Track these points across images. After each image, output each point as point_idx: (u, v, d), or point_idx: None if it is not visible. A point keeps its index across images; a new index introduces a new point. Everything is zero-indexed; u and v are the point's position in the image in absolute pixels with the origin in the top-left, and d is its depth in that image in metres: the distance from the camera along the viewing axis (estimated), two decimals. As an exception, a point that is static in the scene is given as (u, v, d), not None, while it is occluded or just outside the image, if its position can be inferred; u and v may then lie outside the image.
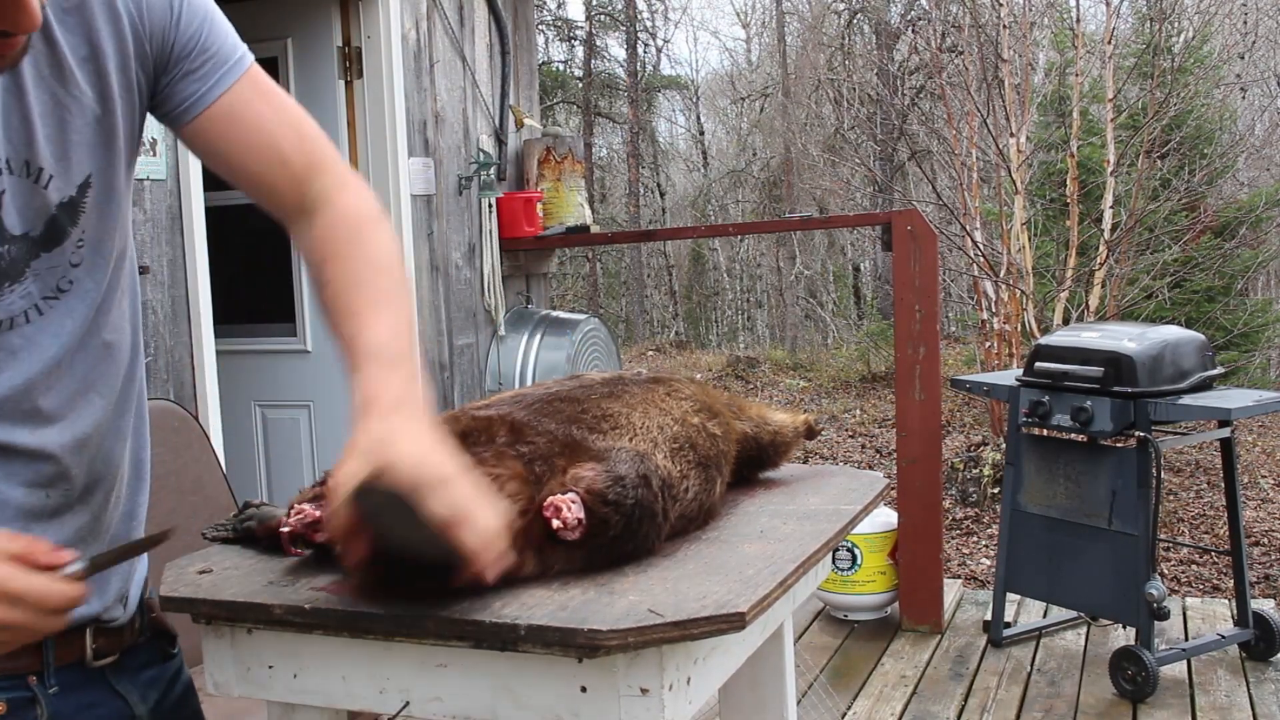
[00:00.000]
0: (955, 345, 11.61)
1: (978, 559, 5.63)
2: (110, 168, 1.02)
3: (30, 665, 1.01)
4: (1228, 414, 3.26)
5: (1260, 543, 5.68)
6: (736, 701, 1.53)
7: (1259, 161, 12.05)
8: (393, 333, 1.05)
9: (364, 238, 1.11)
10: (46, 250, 0.97)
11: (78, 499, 1.03)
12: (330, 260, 1.10)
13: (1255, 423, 8.30)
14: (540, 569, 1.06)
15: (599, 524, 1.04)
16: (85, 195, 0.99)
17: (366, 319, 1.05)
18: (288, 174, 1.11)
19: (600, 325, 4.59)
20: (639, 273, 17.33)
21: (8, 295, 0.95)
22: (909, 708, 3.37)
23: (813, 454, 7.97)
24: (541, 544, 1.05)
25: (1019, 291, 7.08)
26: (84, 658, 1.05)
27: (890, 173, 13.35)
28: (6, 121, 0.93)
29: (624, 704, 0.98)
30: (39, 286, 0.98)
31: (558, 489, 1.05)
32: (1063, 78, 8.50)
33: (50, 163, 0.96)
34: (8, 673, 0.99)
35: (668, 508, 1.14)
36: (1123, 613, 3.46)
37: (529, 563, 1.05)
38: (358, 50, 3.88)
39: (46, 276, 0.98)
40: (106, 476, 1.06)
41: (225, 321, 3.65)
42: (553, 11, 17.03)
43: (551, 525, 1.03)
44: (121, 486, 1.09)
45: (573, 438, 1.13)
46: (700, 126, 19.70)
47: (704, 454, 1.26)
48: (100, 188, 1.01)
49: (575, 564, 1.07)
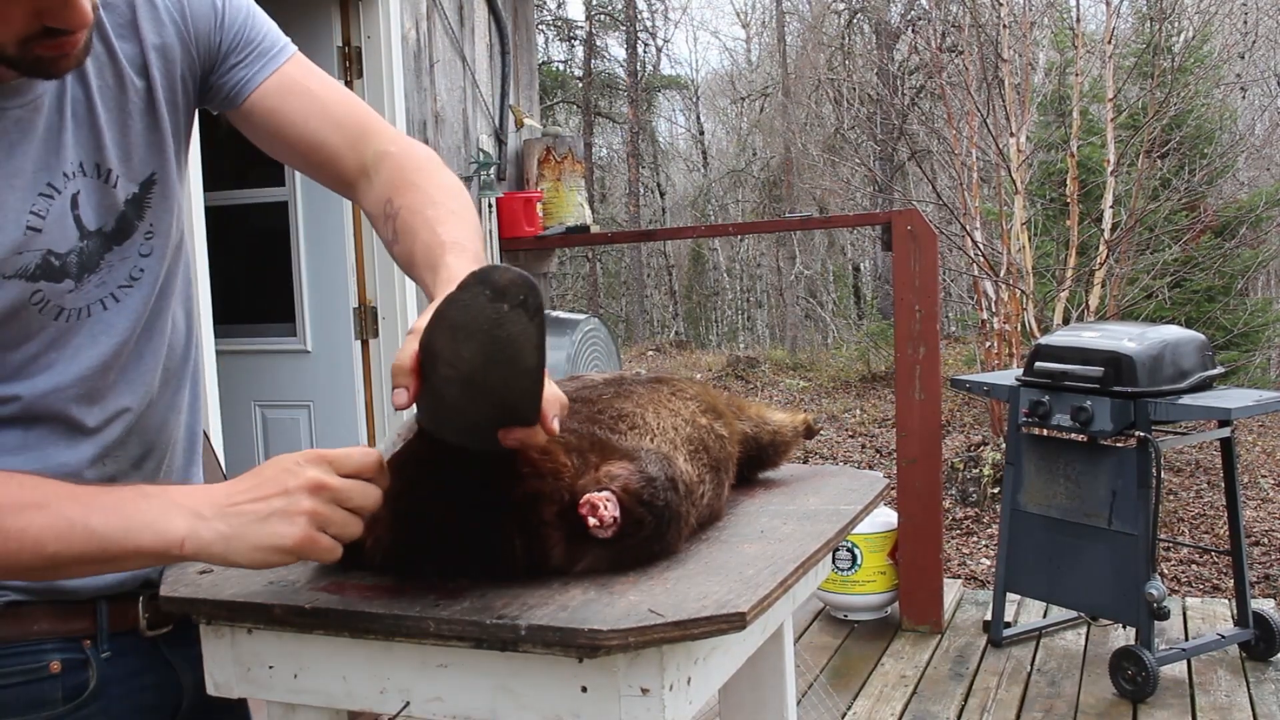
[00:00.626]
0: (955, 345, 11.61)
1: (978, 559, 5.64)
2: (166, 165, 1.11)
3: (86, 629, 1.07)
4: (1228, 414, 3.26)
5: (1260, 543, 5.69)
6: (737, 701, 1.53)
7: (1259, 161, 12.06)
8: (470, 236, 1.10)
9: (430, 172, 1.17)
10: (118, 244, 1.06)
11: (131, 466, 1.11)
12: (400, 191, 1.15)
13: (1255, 422, 8.30)
14: (567, 562, 1.06)
15: (633, 524, 1.04)
16: (150, 191, 1.09)
17: (446, 224, 1.10)
18: (345, 138, 1.17)
19: (600, 325, 4.59)
20: (639, 273, 17.34)
21: (86, 285, 1.04)
22: (909, 708, 3.37)
23: (813, 454, 7.98)
24: (573, 537, 1.05)
25: (1019, 291, 7.09)
26: (137, 626, 1.11)
27: (890, 173, 13.35)
28: (77, 129, 1.03)
29: (624, 704, 0.98)
30: (113, 276, 1.06)
31: (592, 485, 1.04)
32: (1063, 77, 8.51)
33: (117, 163, 1.05)
34: (65, 635, 1.05)
35: (690, 512, 1.14)
36: (1123, 613, 3.46)
37: (557, 553, 1.05)
38: (357, 50, 3.88)
39: (120, 267, 1.07)
40: (159, 446, 1.14)
41: (225, 321, 3.65)
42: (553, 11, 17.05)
43: (588, 523, 1.02)
44: (175, 458, 1.17)
45: (598, 436, 1.12)
46: (700, 126, 19.72)
47: (715, 456, 1.26)
48: (161, 184, 1.10)
49: (602, 563, 1.06)
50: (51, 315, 1.02)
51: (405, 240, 1.13)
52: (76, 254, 1.03)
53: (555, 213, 4.49)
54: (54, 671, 1.04)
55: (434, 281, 1.04)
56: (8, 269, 0.98)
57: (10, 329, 0.99)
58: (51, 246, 1.01)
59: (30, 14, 0.88)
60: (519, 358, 0.85)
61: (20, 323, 1.00)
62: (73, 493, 0.93)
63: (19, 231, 0.98)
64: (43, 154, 1.00)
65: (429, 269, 1.07)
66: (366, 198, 1.19)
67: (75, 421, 1.05)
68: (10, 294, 0.98)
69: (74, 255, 1.03)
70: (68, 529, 0.91)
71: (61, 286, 1.02)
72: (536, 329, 0.84)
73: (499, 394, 0.88)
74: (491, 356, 0.85)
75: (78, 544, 0.91)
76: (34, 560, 0.91)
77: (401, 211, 1.14)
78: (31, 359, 1.01)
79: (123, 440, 1.09)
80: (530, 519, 1.04)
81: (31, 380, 1.01)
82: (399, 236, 1.14)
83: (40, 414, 1.02)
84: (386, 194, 1.16)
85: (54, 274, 1.01)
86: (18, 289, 0.98)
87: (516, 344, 0.84)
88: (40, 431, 1.03)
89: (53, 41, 0.91)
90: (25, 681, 1.02)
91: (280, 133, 1.17)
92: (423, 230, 1.11)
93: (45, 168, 1.00)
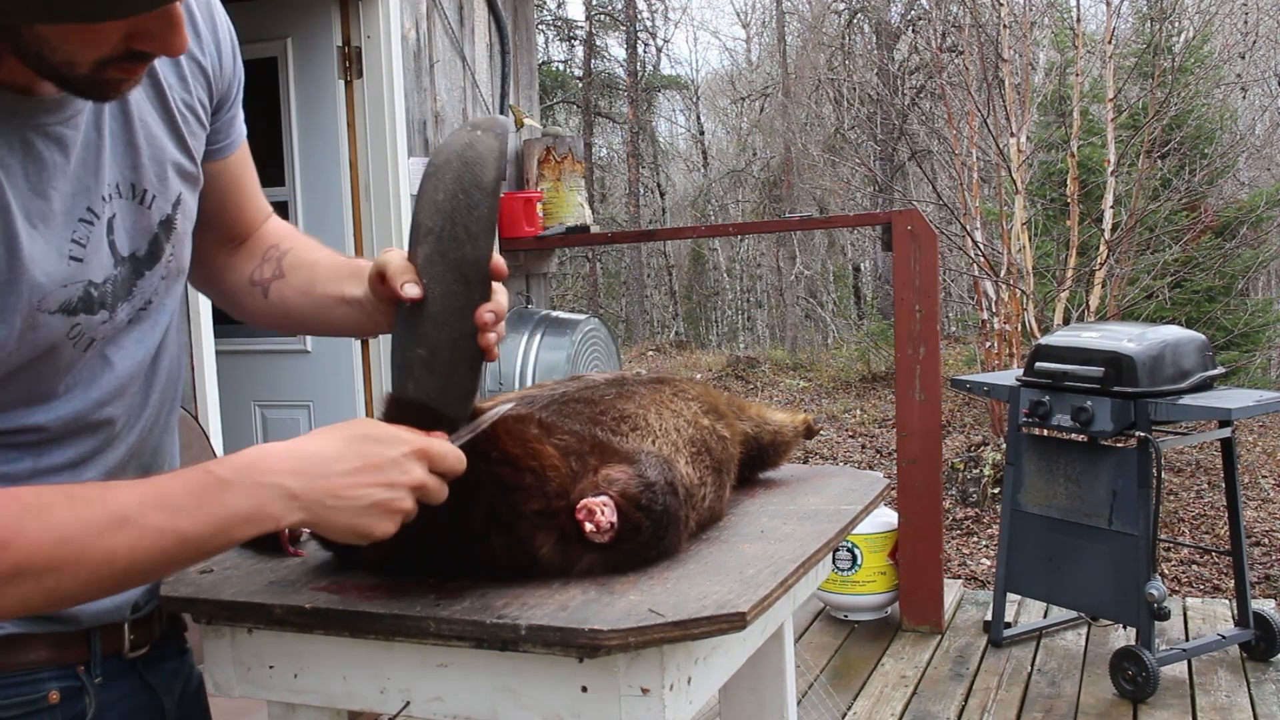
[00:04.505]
0: (955, 345, 11.61)
1: (978, 559, 5.63)
2: (192, 189, 1.08)
3: (80, 655, 1.04)
4: (1228, 414, 3.25)
5: (1261, 543, 5.68)
6: (737, 701, 1.53)
7: (1259, 161, 12.06)
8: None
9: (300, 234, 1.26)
10: (149, 268, 1.02)
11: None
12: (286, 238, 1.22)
13: (1256, 423, 8.29)
14: (561, 563, 1.06)
15: (630, 529, 1.04)
16: (177, 213, 1.05)
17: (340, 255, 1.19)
18: (260, 205, 1.23)
19: (600, 325, 4.59)
20: (639, 273, 17.33)
21: (118, 313, 0.99)
22: (909, 708, 3.37)
23: (813, 454, 7.97)
24: (568, 538, 1.04)
25: (1019, 291, 7.08)
26: (122, 649, 1.08)
27: (890, 173, 13.34)
28: (114, 147, 0.97)
29: (625, 704, 0.98)
30: (140, 301, 1.03)
31: (590, 489, 1.04)
32: (1063, 77, 8.50)
33: (153, 183, 1.01)
34: (60, 662, 1.02)
35: (690, 516, 1.14)
36: (1123, 613, 3.46)
37: (545, 551, 1.05)
38: (357, 50, 3.88)
39: (145, 292, 1.03)
40: (154, 468, 1.11)
41: (225, 321, 3.65)
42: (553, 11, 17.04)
43: (585, 529, 1.02)
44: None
45: (598, 438, 1.12)
46: (700, 126, 19.71)
47: (717, 458, 1.26)
48: (185, 206, 1.07)
49: (597, 566, 1.06)
50: (83, 347, 0.97)
51: (299, 271, 1.17)
52: (111, 282, 0.98)
53: (555, 213, 4.48)
54: (53, 702, 1.01)
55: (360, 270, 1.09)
56: (51, 304, 0.92)
57: (44, 364, 0.94)
58: (91, 277, 0.95)
59: (125, 36, 0.83)
60: (482, 175, 0.99)
61: (55, 357, 0.94)
62: (144, 496, 0.88)
63: (63, 263, 0.92)
64: (82, 176, 0.94)
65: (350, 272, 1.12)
66: (240, 251, 1.22)
67: (84, 447, 1.01)
68: (52, 330, 0.92)
69: (109, 284, 0.98)
70: (157, 540, 0.86)
71: (97, 319, 0.97)
72: (499, 147, 1.00)
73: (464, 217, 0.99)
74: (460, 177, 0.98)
75: (171, 553, 0.88)
76: (127, 579, 0.88)
77: (293, 250, 1.19)
78: (56, 389, 0.97)
79: (123, 464, 1.05)
80: (501, 511, 1.03)
81: (55, 408, 0.97)
82: (288, 271, 1.17)
83: (56, 437, 0.98)
84: (270, 242, 1.20)
85: (91, 306, 0.96)
86: (60, 324, 0.93)
87: (483, 161, 0.99)
88: (52, 457, 0.98)
89: (133, 65, 0.86)
90: (25, 714, 1.00)
91: (229, 193, 1.17)
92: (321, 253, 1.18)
93: (85, 191, 0.94)
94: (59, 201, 0.91)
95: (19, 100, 0.88)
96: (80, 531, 0.84)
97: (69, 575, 0.84)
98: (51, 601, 0.85)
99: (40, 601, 0.84)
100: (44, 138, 0.90)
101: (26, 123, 0.89)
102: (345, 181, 3.88)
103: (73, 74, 0.84)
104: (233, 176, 1.16)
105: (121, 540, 0.85)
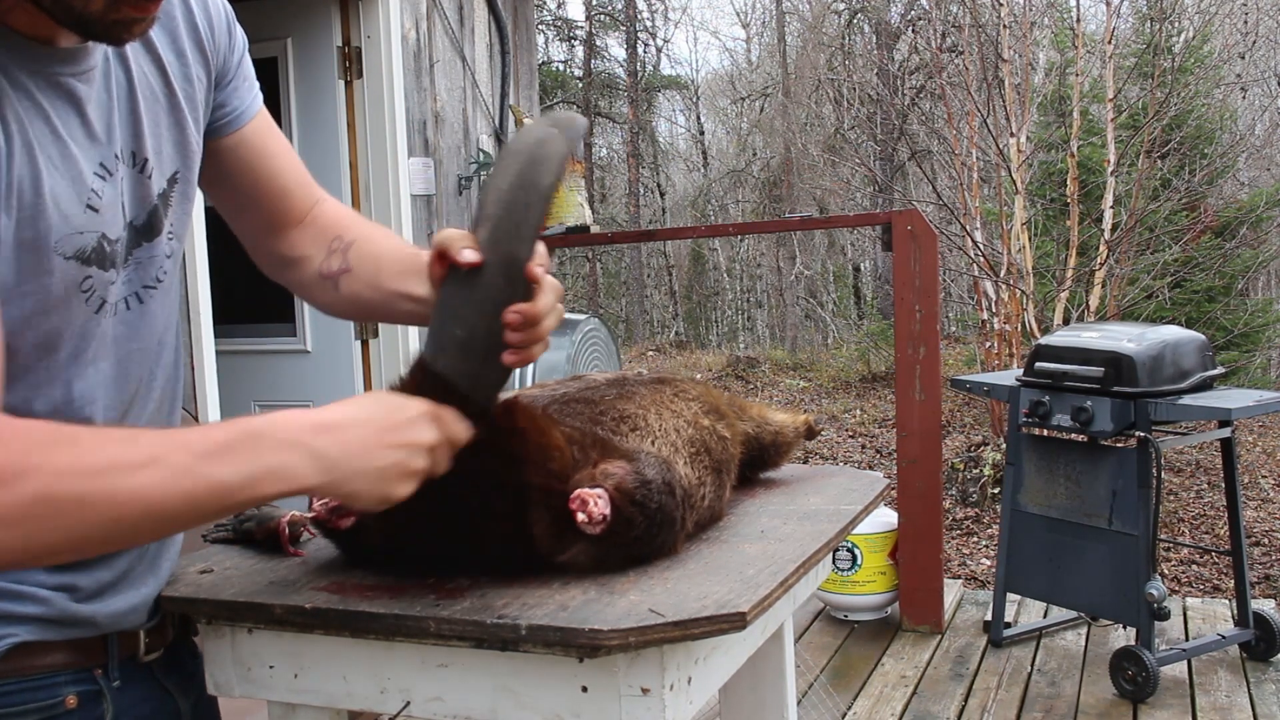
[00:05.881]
0: (955, 345, 11.61)
1: (978, 559, 5.63)
2: (188, 168, 1.08)
3: (98, 659, 1.04)
4: (1228, 414, 3.26)
5: (1260, 543, 5.68)
6: (737, 701, 1.53)
7: (1259, 161, 12.06)
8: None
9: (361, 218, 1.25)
10: (147, 240, 1.03)
11: None
12: (348, 228, 1.21)
13: (1255, 423, 8.30)
14: (550, 548, 1.06)
15: (623, 523, 1.04)
16: (173, 189, 1.05)
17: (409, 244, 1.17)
18: (301, 180, 1.21)
19: (600, 325, 4.59)
20: (639, 273, 17.34)
21: (118, 279, 0.99)
22: (909, 708, 3.37)
23: (813, 454, 7.97)
24: (562, 525, 1.05)
25: (1019, 291, 7.08)
26: (137, 653, 1.08)
27: (890, 173, 13.34)
28: (120, 113, 0.99)
29: (625, 704, 0.98)
30: (139, 275, 1.02)
31: (587, 480, 1.05)
32: (1063, 78, 8.50)
33: (152, 155, 1.02)
34: (77, 666, 1.02)
35: (686, 517, 1.14)
36: (1123, 613, 3.46)
37: (544, 530, 1.05)
38: (358, 50, 3.88)
39: (147, 265, 1.03)
40: None
41: (225, 321, 3.65)
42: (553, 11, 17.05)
43: (577, 518, 1.03)
44: None
45: (599, 435, 1.13)
46: (700, 126, 19.71)
47: (717, 459, 1.26)
48: (182, 184, 1.07)
49: (588, 557, 1.06)
50: (94, 306, 0.96)
51: (365, 264, 1.16)
52: (121, 244, 0.98)
53: (555, 213, 4.48)
54: (70, 707, 1.00)
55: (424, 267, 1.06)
56: (67, 248, 0.92)
57: (54, 318, 0.93)
58: (105, 230, 0.96)
59: None
60: (542, 177, 0.98)
61: (63, 312, 0.93)
62: (174, 440, 0.86)
63: (80, 208, 0.93)
64: (96, 131, 0.95)
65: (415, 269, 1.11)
66: (303, 239, 1.21)
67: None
68: (66, 276, 0.92)
69: (119, 245, 0.98)
70: (188, 484, 0.84)
71: (107, 276, 0.97)
72: (565, 152, 0.99)
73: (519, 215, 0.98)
74: (523, 171, 0.98)
75: (199, 500, 0.85)
76: (150, 525, 0.85)
77: (358, 241, 1.18)
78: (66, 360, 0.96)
79: None
80: (507, 481, 1.05)
81: (58, 409, 0.96)
82: (354, 265, 1.17)
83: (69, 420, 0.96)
84: (333, 232, 1.20)
85: (104, 260, 0.96)
86: (73, 271, 0.93)
87: (548, 162, 0.98)
88: None
89: (145, 3, 0.88)
90: (42, 719, 0.99)
91: (257, 166, 1.16)
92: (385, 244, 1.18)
93: (99, 145, 0.95)
94: (76, 149, 0.93)
95: (39, 48, 0.91)
96: (109, 465, 0.82)
97: (93, 512, 0.81)
98: (71, 541, 0.82)
99: (59, 540, 0.81)
100: (59, 89, 0.92)
101: (44, 70, 0.91)
102: (345, 181, 3.88)
103: (87, 11, 0.86)
104: (255, 148, 1.16)
105: (153, 479, 0.83)
